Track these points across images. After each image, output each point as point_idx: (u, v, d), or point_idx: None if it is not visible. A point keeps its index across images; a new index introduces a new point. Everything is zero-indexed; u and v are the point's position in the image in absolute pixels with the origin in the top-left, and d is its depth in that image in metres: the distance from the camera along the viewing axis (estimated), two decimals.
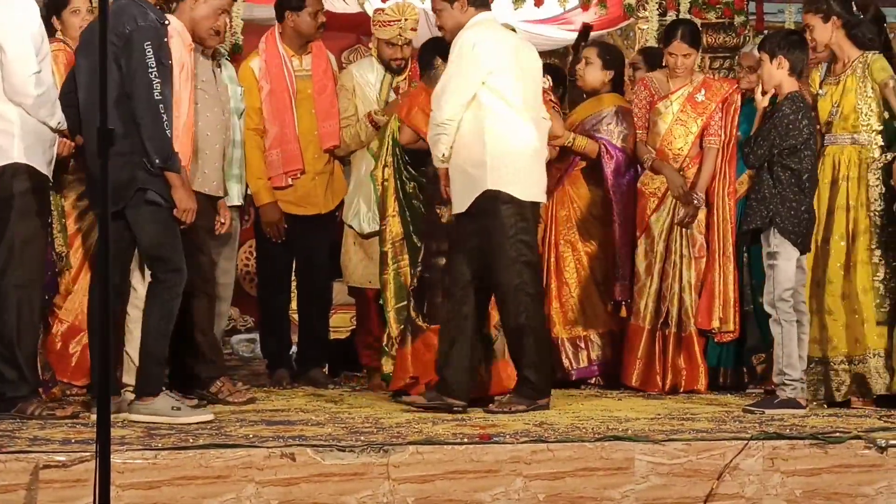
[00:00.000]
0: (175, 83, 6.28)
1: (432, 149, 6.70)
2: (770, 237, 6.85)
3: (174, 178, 6.19)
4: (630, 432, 5.92)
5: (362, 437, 5.68)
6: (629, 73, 8.53)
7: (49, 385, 6.75)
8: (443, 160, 6.68)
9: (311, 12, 7.83)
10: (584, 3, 10.66)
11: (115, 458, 5.01)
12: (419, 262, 7.24)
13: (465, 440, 5.68)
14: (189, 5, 6.79)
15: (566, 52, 10.15)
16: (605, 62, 8.09)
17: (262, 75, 7.81)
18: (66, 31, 7.22)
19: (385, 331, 7.57)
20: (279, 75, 7.82)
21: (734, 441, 5.80)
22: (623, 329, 8.00)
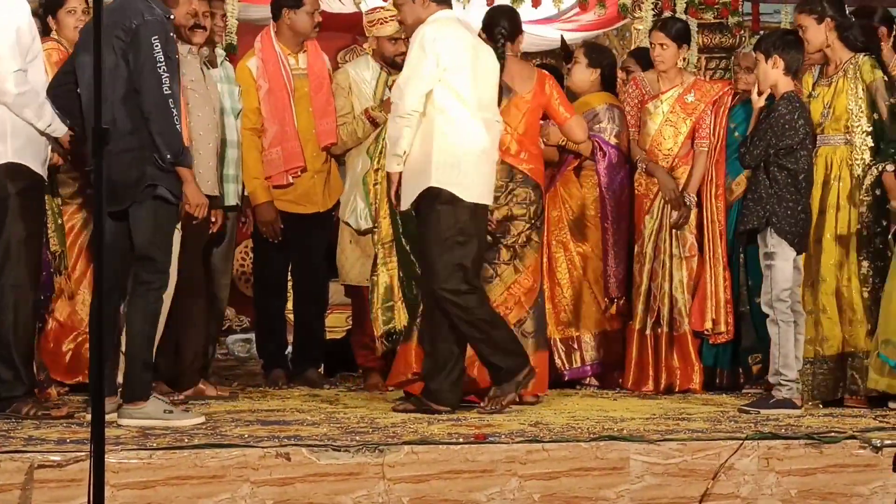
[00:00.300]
0: None
1: (393, 146, 6.59)
2: (767, 237, 6.85)
3: (185, 173, 6.17)
4: (625, 432, 5.92)
5: (357, 437, 5.68)
6: (622, 75, 8.53)
7: (44, 385, 6.75)
8: (403, 157, 6.56)
9: (309, 11, 7.83)
10: (582, 3, 10.65)
11: (110, 458, 5.00)
12: None
13: (461, 440, 5.68)
14: None
15: (561, 52, 10.14)
16: (591, 60, 8.12)
17: (259, 74, 7.81)
18: (61, 31, 7.22)
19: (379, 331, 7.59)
20: (277, 74, 7.82)
21: (729, 441, 5.80)
22: (617, 329, 8.01)
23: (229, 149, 7.46)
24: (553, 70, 8.77)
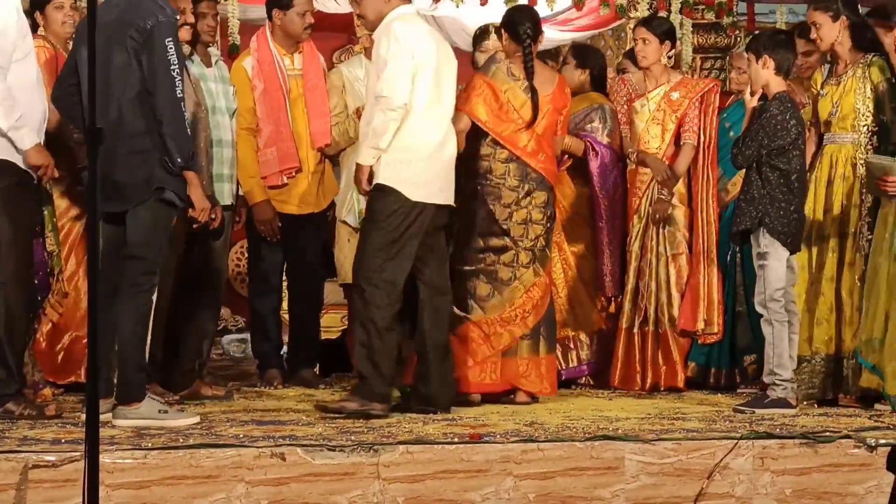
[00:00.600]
0: None
1: (375, 138, 6.48)
2: (759, 238, 6.86)
3: (192, 177, 6.18)
4: (620, 432, 5.92)
5: (352, 437, 5.68)
6: (611, 75, 8.53)
7: (40, 385, 6.74)
8: (384, 151, 6.48)
9: (300, 12, 7.81)
10: (578, 3, 10.65)
11: (105, 458, 5.01)
12: (452, 255, 7.18)
13: (456, 440, 5.68)
14: None
15: (558, 52, 10.14)
16: (579, 61, 8.13)
17: (254, 74, 7.80)
18: (49, 26, 7.17)
19: None
20: (272, 74, 7.81)
21: (724, 440, 5.80)
22: (611, 328, 8.01)
23: (224, 148, 7.44)
24: None
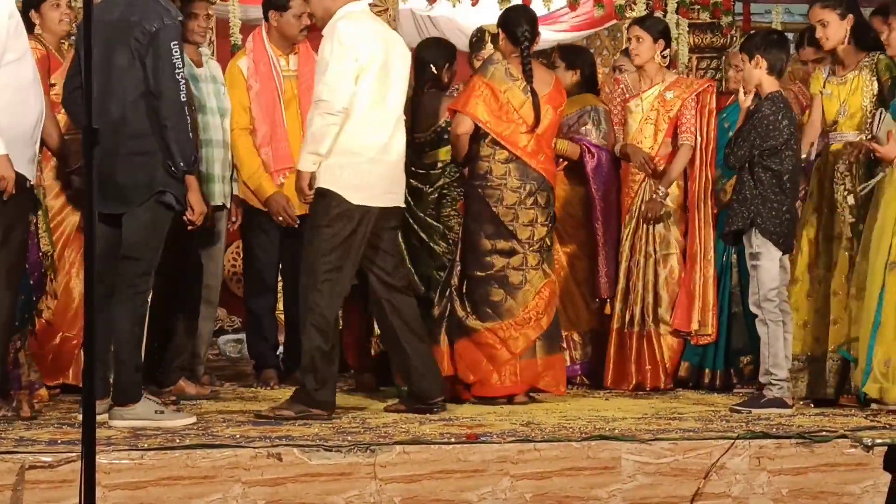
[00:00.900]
0: None
1: (316, 143, 6.36)
2: (752, 238, 6.88)
3: (192, 180, 6.16)
4: (617, 432, 5.93)
5: (349, 437, 5.68)
6: (603, 72, 8.52)
7: (36, 386, 6.72)
8: (324, 156, 6.39)
9: (296, 14, 7.79)
10: (571, 3, 10.66)
11: (101, 459, 5.01)
12: (462, 261, 7.19)
13: (452, 440, 5.68)
14: None
15: (552, 52, 10.15)
16: (568, 62, 8.13)
17: (250, 74, 7.79)
18: (45, 25, 7.13)
19: (366, 331, 7.60)
20: (268, 74, 7.80)
21: (721, 440, 5.81)
22: (603, 329, 8.02)
23: (214, 148, 7.43)
24: None
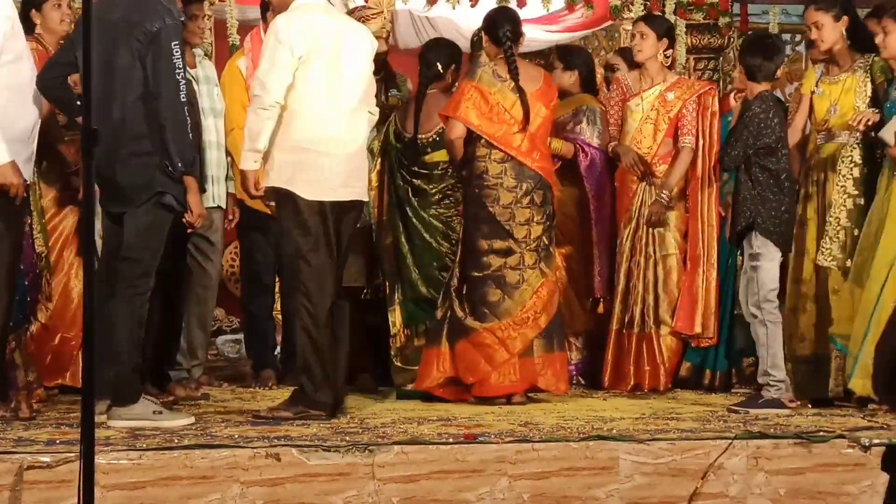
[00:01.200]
0: None
1: (252, 140, 6.29)
2: (752, 239, 6.89)
3: (192, 182, 6.14)
4: (615, 432, 5.93)
5: (347, 438, 5.68)
6: (601, 73, 8.53)
7: (34, 386, 6.73)
8: (260, 152, 6.32)
9: None
10: (570, 4, 10.67)
11: (100, 459, 5.00)
12: (461, 262, 7.20)
13: (451, 440, 5.69)
14: None
15: (550, 53, 10.16)
16: (566, 63, 8.14)
17: (249, 73, 7.78)
18: (47, 25, 7.11)
19: (365, 332, 7.61)
20: None
21: (718, 440, 5.81)
22: (601, 329, 8.02)
23: (209, 150, 7.43)
24: None
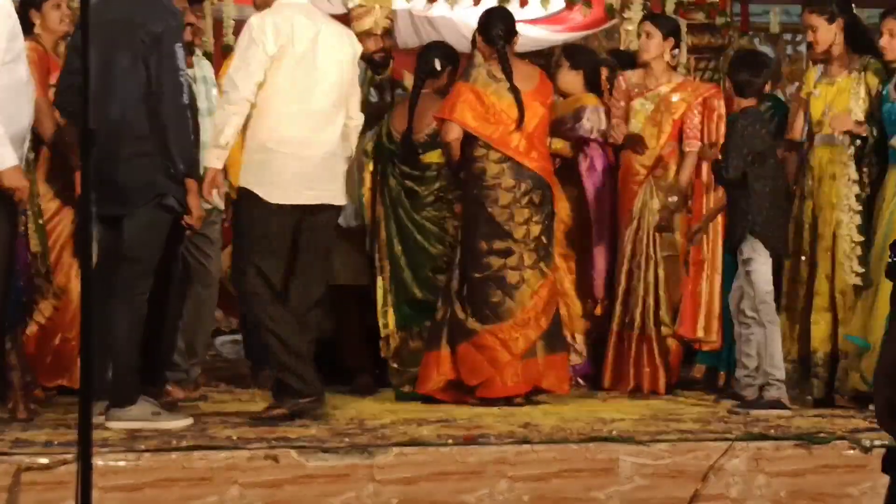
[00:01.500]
0: None
1: (216, 136, 6.26)
2: (744, 244, 6.98)
3: (193, 184, 6.12)
4: (615, 433, 5.92)
5: (346, 439, 5.67)
6: (605, 72, 8.50)
7: (31, 387, 6.71)
8: (224, 148, 6.29)
9: None
10: (569, 3, 10.65)
11: (98, 461, 5.00)
12: (461, 264, 7.18)
13: (450, 441, 5.68)
14: None
15: (551, 53, 10.13)
16: (573, 62, 8.11)
17: None
18: (46, 25, 7.08)
19: (364, 332, 7.60)
20: None
21: (719, 442, 5.81)
22: (600, 330, 8.01)
23: (204, 150, 7.40)
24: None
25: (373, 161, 7.67)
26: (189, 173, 6.10)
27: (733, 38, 10.58)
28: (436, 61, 7.61)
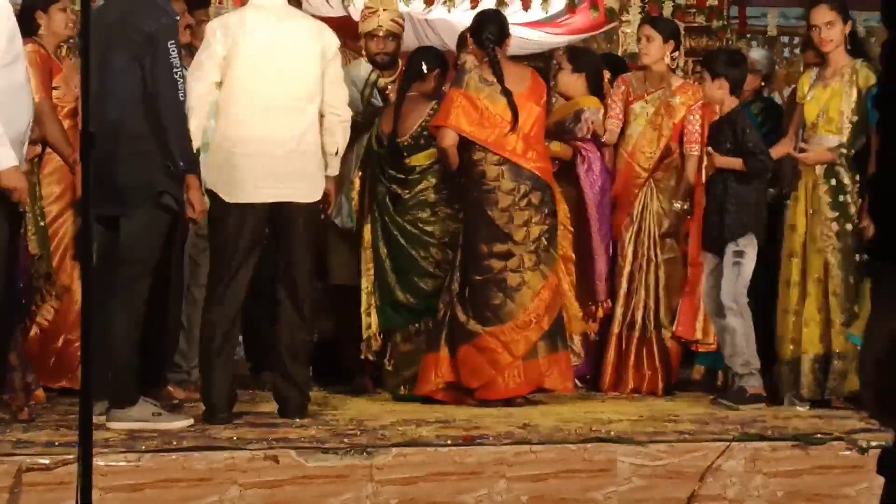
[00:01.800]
0: None
1: (188, 145, 6.20)
2: (743, 237, 7.14)
3: (193, 180, 6.10)
4: (613, 434, 5.93)
5: (346, 440, 5.68)
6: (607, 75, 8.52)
7: (32, 388, 6.73)
8: (201, 150, 6.30)
9: None
10: (570, 6, 10.66)
11: (99, 461, 5.01)
12: (461, 266, 7.19)
13: (449, 442, 5.69)
14: None
15: (551, 55, 10.16)
16: (575, 65, 8.11)
17: None
18: (51, 27, 7.08)
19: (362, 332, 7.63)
20: None
21: (717, 442, 5.82)
22: (599, 331, 8.02)
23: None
24: (541, 73, 8.80)
25: (361, 163, 7.67)
26: (189, 170, 6.09)
27: (731, 41, 10.61)
28: (422, 64, 7.62)
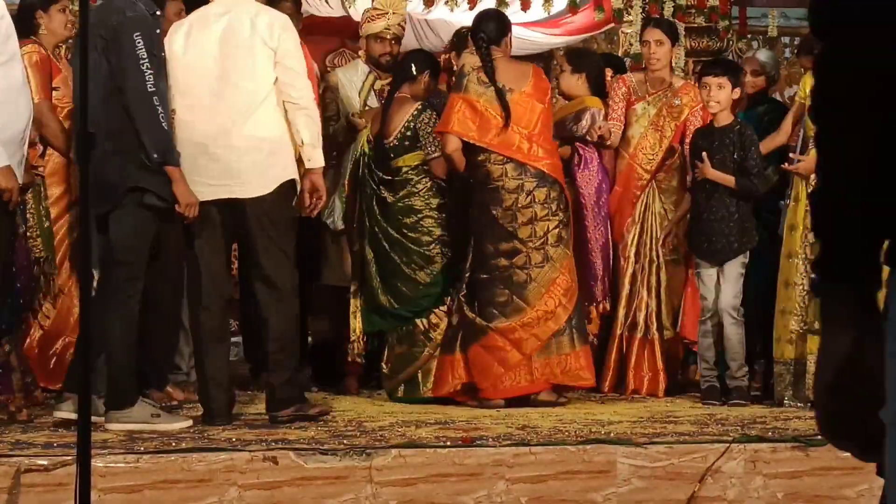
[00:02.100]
0: None
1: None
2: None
3: (175, 172, 6.02)
4: (612, 435, 5.93)
5: (345, 441, 5.68)
6: (610, 73, 8.52)
7: (31, 388, 6.73)
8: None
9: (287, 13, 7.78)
10: (572, 7, 10.65)
11: (97, 462, 5.01)
12: (471, 267, 7.20)
13: (448, 443, 5.69)
14: None
15: (551, 55, 10.14)
16: (574, 66, 8.10)
17: None
18: (50, 27, 7.07)
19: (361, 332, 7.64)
20: None
21: (716, 444, 5.81)
22: (600, 333, 8.01)
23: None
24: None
25: (351, 166, 7.66)
26: (166, 161, 5.99)
27: (732, 42, 10.60)
28: (411, 66, 7.61)
